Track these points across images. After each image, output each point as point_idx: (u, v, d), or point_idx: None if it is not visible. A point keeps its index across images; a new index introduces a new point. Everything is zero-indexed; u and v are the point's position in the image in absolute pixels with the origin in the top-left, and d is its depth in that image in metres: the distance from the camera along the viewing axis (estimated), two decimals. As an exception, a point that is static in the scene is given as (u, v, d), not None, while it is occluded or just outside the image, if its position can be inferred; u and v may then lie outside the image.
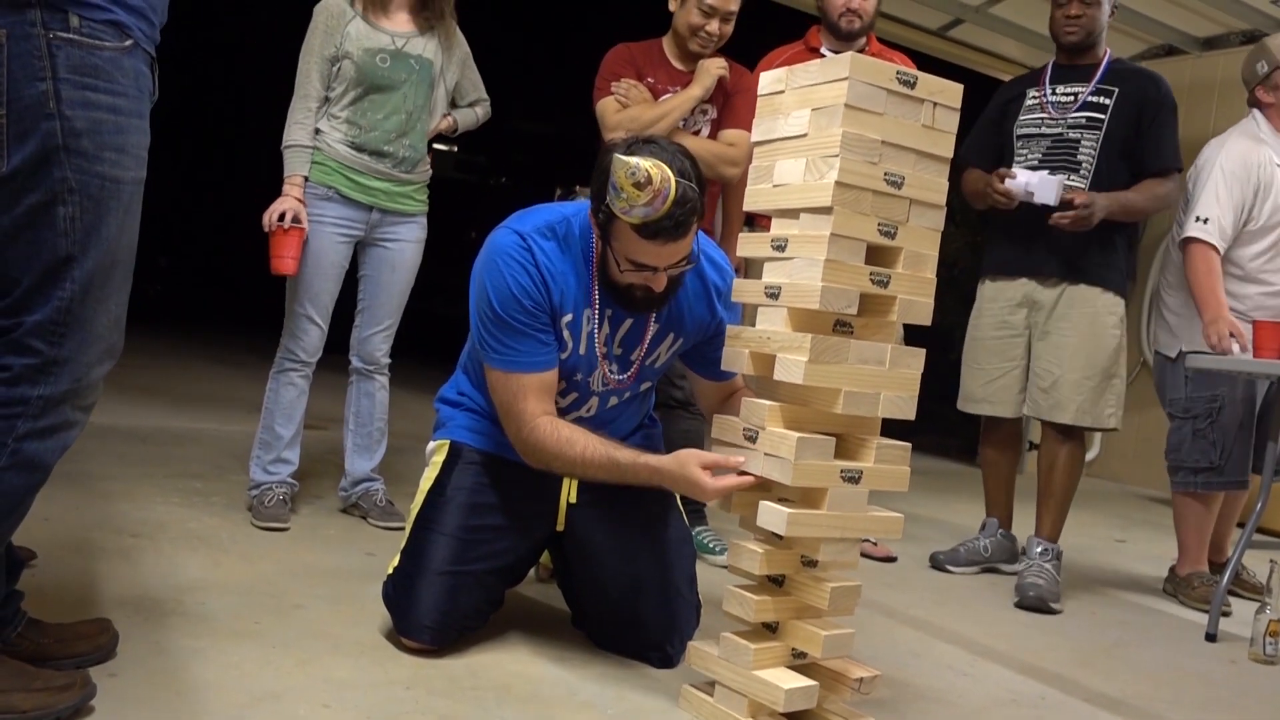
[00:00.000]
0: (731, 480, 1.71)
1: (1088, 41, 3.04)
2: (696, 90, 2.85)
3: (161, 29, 1.53)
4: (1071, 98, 3.05)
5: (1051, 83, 3.11)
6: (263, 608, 2.06)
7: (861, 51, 3.08)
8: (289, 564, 2.40)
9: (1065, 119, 3.03)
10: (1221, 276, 3.10)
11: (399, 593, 1.95)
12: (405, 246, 2.92)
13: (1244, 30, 5.60)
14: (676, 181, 1.70)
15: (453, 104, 3.02)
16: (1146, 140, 2.98)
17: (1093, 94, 3.01)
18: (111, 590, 2.07)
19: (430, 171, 2.99)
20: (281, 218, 2.70)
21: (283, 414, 2.85)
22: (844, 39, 3.08)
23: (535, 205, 2.00)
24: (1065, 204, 2.87)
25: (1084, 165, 2.99)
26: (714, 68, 2.86)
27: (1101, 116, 2.99)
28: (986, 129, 3.24)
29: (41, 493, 1.52)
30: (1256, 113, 3.29)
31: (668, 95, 2.88)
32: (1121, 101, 2.98)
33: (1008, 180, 2.94)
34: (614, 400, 2.07)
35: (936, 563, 3.18)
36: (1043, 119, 3.07)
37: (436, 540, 1.96)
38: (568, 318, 1.92)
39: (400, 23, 2.81)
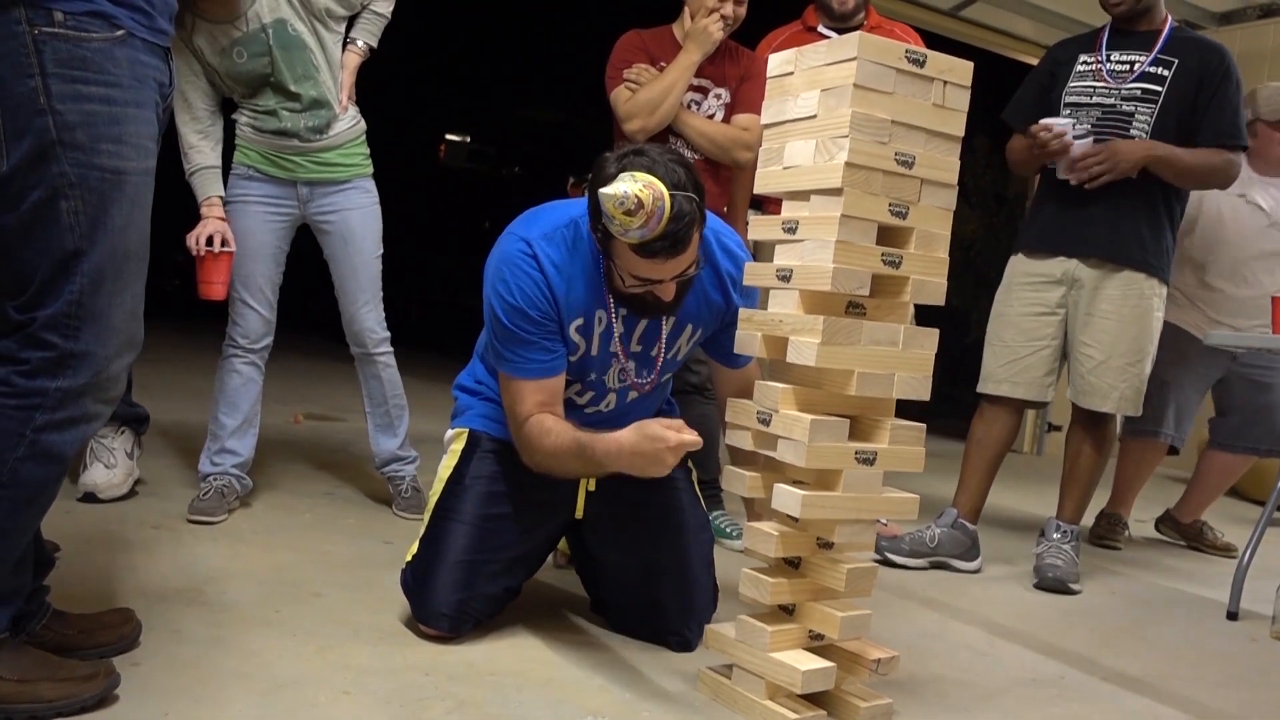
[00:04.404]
0: (691, 435, 1.66)
1: (1139, 8, 2.88)
2: (695, 54, 2.78)
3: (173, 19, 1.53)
4: (1128, 66, 2.88)
5: (1108, 49, 2.92)
6: (282, 596, 2.08)
7: (860, 26, 3.05)
8: (308, 553, 2.42)
9: (1120, 89, 2.86)
10: None
11: (417, 581, 1.96)
12: (349, 215, 2.78)
13: (1262, 4, 5.54)
14: (671, 196, 1.65)
15: (351, 22, 2.78)
16: (1205, 114, 2.82)
17: (1151, 64, 2.84)
18: (133, 581, 2.09)
19: (360, 124, 2.80)
20: (210, 241, 2.61)
21: (227, 403, 2.77)
22: (838, 19, 3.04)
23: (544, 204, 1.97)
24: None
25: (1137, 140, 2.84)
26: (712, 27, 2.77)
27: (1158, 89, 2.83)
28: (1034, 92, 3.07)
29: (63, 486, 1.53)
30: None
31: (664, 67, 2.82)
32: (1180, 73, 2.82)
33: (1052, 124, 2.81)
34: (633, 394, 2.07)
35: (879, 552, 2.90)
36: (1095, 87, 2.91)
37: (455, 529, 1.97)
38: (578, 322, 1.91)
39: (217, 7, 2.54)
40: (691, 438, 1.66)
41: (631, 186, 1.63)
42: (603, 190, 1.65)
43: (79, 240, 1.41)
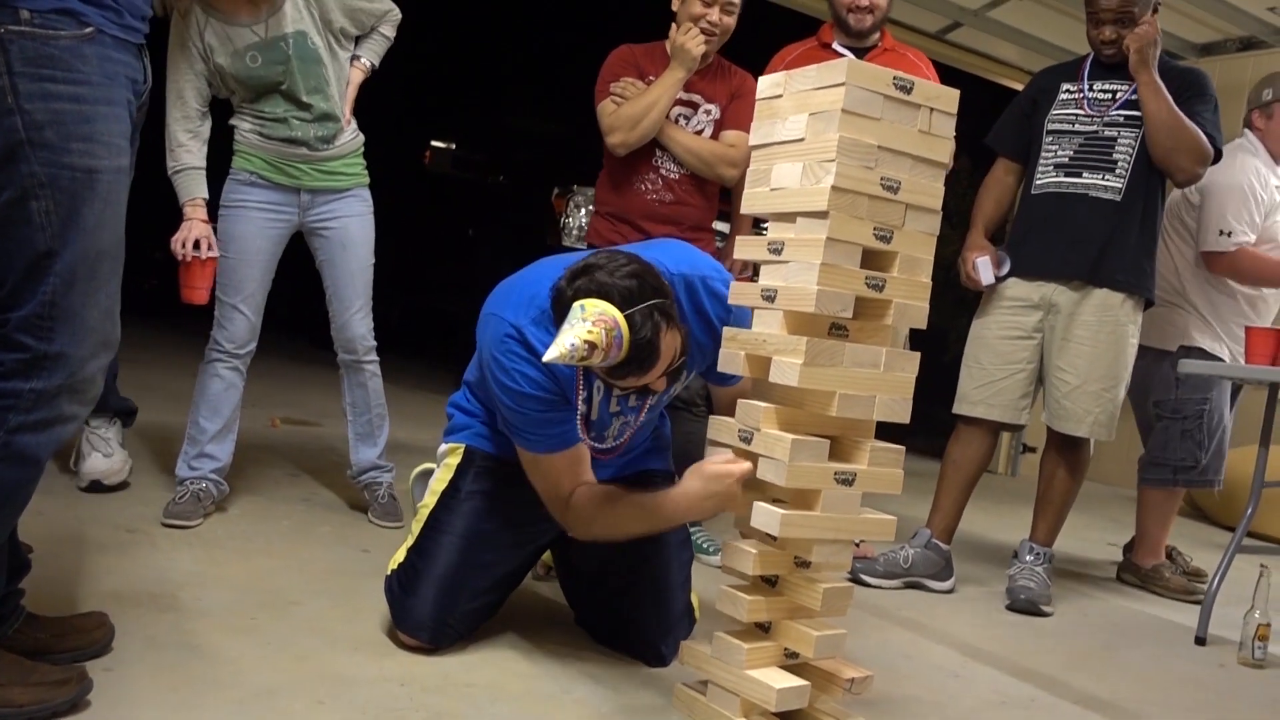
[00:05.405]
0: (746, 463, 1.70)
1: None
2: (679, 71, 2.78)
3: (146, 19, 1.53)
4: (1109, 96, 2.93)
5: (1090, 78, 2.98)
6: (258, 603, 2.07)
7: (874, 47, 3.05)
8: (284, 560, 2.41)
9: (1103, 116, 2.92)
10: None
11: (403, 590, 1.96)
12: (349, 223, 2.81)
13: (1241, 37, 5.62)
14: (627, 318, 1.61)
15: (356, 41, 2.82)
16: None
17: (1134, 93, 2.87)
18: (107, 585, 2.07)
19: (360, 137, 2.85)
20: (197, 245, 2.59)
21: (208, 407, 2.75)
22: (854, 36, 3.03)
23: (522, 274, 1.92)
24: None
25: (1119, 164, 2.89)
26: (690, 43, 2.75)
27: (1140, 113, 2.86)
28: (1016, 119, 3.14)
29: (45, 483, 1.52)
30: (1250, 134, 3.44)
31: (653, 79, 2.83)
32: None
33: (979, 267, 3.00)
34: (630, 431, 2.07)
35: (853, 573, 2.87)
36: (1077, 115, 2.96)
37: (446, 542, 1.97)
38: (582, 394, 1.90)
39: (246, 9, 2.56)
40: (749, 465, 1.69)
41: (579, 334, 1.57)
42: (547, 357, 1.58)
43: (51, 240, 1.40)
